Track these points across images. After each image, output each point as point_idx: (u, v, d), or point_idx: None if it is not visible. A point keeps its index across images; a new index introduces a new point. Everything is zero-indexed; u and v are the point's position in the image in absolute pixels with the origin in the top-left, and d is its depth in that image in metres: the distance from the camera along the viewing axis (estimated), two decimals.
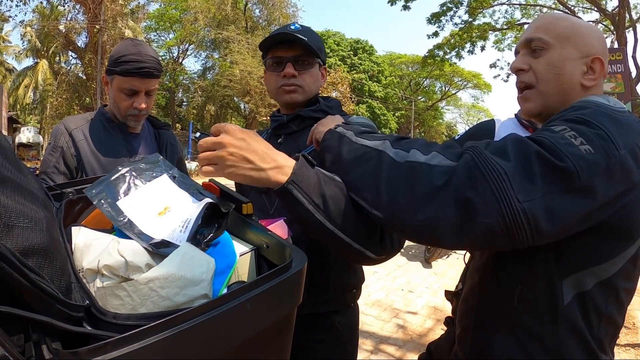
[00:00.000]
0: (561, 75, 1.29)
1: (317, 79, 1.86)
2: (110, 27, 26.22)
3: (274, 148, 1.26)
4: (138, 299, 0.82)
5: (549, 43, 1.30)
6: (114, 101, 2.24)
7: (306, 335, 1.75)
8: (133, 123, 2.31)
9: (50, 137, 2.26)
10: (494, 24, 22.87)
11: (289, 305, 1.01)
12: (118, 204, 1.09)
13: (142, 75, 2.16)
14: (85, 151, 2.20)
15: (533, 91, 1.33)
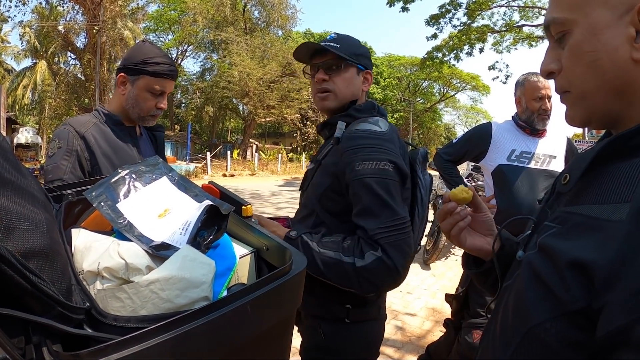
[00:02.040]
0: (597, 60, 0.85)
1: (351, 83, 1.85)
2: (109, 28, 26.20)
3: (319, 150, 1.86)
4: (139, 301, 0.82)
5: (567, 20, 0.89)
6: (136, 101, 2.22)
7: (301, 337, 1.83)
8: (150, 123, 2.34)
9: (58, 141, 2.12)
10: (492, 26, 22.93)
11: (289, 307, 1.02)
12: (118, 206, 1.09)
13: (171, 77, 2.25)
14: (99, 155, 2.15)
15: (569, 96, 0.94)
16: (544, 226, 0.93)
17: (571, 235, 0.81)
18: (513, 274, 1.01)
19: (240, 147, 39.90)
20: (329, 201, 1.74)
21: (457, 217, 1.20)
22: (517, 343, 0.82)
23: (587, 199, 0.84)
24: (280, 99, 35.51)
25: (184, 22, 38.05)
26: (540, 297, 0.81)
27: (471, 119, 66.31)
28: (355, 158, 1.60)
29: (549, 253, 0.83)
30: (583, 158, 0.87)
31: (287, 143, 50.74)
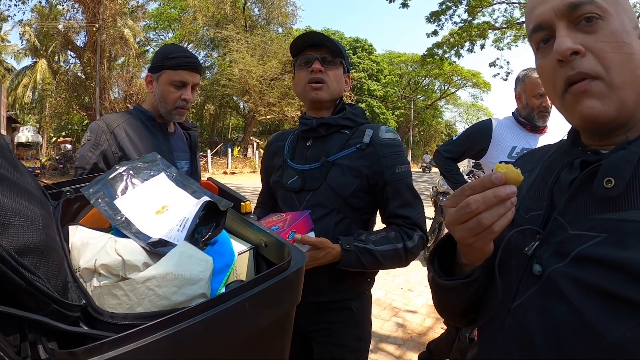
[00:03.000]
0: (634, 56, 0.88)
1: (341, 81, 2.03)
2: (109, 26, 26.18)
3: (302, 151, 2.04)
4: (135, 298, 0.81)
5: (606, 9, 0.88)
6: (162, 96, 2.40)
7: (323, 318, 2.00)
8: (177, 117, 2.48)
9: (89, 133, 2.30)
10: (493, 23, 22.92)
11: (288, 304, 1.01)
12: (115, 203, 1.08)
13: (190, 69, 2.41)
14: (129, 149, 2.29)
15: (599, 83, 0.87)
16: (575, 236, 0.89)
17: (631, 243, 0.79)
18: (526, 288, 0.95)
19: (241, 145, 39.96)
20: (354, 199, 1.93)
21: (509, 205, 0.90)
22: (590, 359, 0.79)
23: (631, 203, 0.83)
24: (280, 97, 35.49)
25: (184, 20, 38.03)
26: (611, 310, 0.79)
27: (472, 116, 66.34)
28: (396, 162, 1.92)
29: (610, 264, 0.80)
30: (624, 160, 0.84)
31: None
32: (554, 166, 1.06)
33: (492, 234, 0.91)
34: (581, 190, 0.92)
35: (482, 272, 1.05)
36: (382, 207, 1.98)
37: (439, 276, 1.11)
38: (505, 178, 0.88)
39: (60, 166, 26.71)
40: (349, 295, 2.00)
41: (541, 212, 0.99)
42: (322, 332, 2.00)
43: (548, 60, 0.94)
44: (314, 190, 1.94)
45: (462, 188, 0.92)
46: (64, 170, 26.33)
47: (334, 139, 1.99)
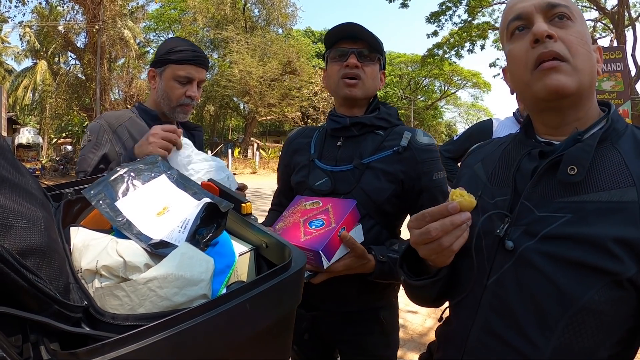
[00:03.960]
0: (591, 55, 1.08)
1: (376, 78, 1.93)
2: (109, 28, 26.19)
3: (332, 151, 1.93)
4: (137, 299, 0.82)
5: (574, 15, 1.09)
6: (165, 92, 2.23)
7: (353, 330, 1.91)
8: (182, 116, 2.31)
9: (89, 134, 2.16)
10: (493, 23, 22.92)
11: (289, 305, 1.01)
12: (117, 205, 1.08)
13: (197, 64, 2.23)
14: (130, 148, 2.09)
15: (566, 65, 1.04)
16: (542, 217, 1.04)
17: (592, 220, 0.97)
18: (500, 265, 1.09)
19: (241, 146, 39.97)
20: (387, 204, 1.83)
21: (465, 227, 1.07)
22: (565, 324, 0.97)
23: (590, 187, 1.01)
24: (281, 97, 35.53)
25: (184, 21, 38.07)
26: (580, 277, 0.96)
27: (472, 116, 66.30)
28: (433, 169, 1.85)
29: (577, 239, 0.97)
30: (583, 151, 1.02)
31: None
32: (512, 156, 1.22)
33: (451, 252, 1.07)
34: (544, 178, 1.08)
35: (448, 270, 1.19)
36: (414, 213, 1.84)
37: (409, 277, 1.25)
38: (460, 206, 1.04)
39: (60, 167, 26.74)
40: (378, 304, 1.93)
41: (507, 198, 1.14)
42: (349, 344, 1.93)
43: (522, 43, 1.11)
44: (345, 194, 1.82)
45: (422, 213, 1.07)
46: (65, 171, 26.36)
47: (368, 140, 1.89)
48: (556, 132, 1.13)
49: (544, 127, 1.17)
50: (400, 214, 1.92)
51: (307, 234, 1.63)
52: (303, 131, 2.18)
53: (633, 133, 1.07)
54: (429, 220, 1.05)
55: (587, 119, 1.10)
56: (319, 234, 1.60)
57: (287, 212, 1.80)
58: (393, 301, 2.01)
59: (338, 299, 1.81)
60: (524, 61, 1.09)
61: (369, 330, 1.92)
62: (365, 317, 1.91)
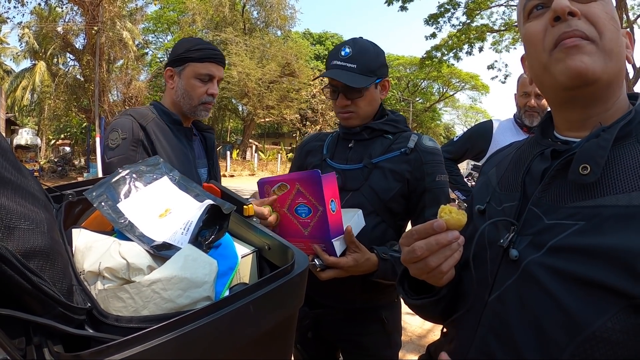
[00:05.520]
0: (620, 34, 0.93)
1: (372, 100, 1.98)
2: (108, 29, 26.12)
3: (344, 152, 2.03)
4: (140, 301, 0.81)
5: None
6: (186, 90, 2.22)
7: (353, 329, 1.99)
8: (204, 113, 2.29)
9: (121, 131, 2.04)
10: (491, 26, 22.91)
11: (292, 307, 1.01)
12: (119, 206, 1.08)
13: (217, 61, 2.25)
14: (160, 153, 2.07)
15: (592, 44, 0.88)
16: (551, 225, 0.90)
17: (608, 229, 0.81)
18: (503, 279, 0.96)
19: (240, 148, 39.97)
20: (394, 203, 1.92)
21: (455, 247, 0.98)
22: (570, 354, 0.80)
23: (606, 189, 0.85)
24: (279, 99, 35.56)
25: (183, 22, 38.01)
26: (591, 299, 0.80)
27: (470, 118, 66.31)
28: (437, 170, 1.92)
29: (589, 252, 0.82)
30: (598, 146, 0.86)
31: (287, 143, 50.76)
32: (524, 157, 1.08)
33: (441, 273, 0.98)
34: (555, 180, 0.94)
35: (448, 290, 1.09)
36: (417, 214, 1.96)
37: (408, 296, 1.17)
38: (447, 225, 0.95)
39: (59, 168, 26.69)
40: (380, 303, 2.00)
41: (515, 204, 1.01)
42: (351, 343, 2.00)
43: (541, 22, 0.96)
44: (354, 191, 1.93)
45: (410, 231, 1.00)
46: (63, 172, 26.32)
47: (377, 143, 1.99)
48: (579, 128, 0.98)
49: (565, 123, 1.02)
50: (405, 215, 1.99)
51: (305, 225, 1.66)
52: (317, 135, 2.28)
53: None
54: (416, 238, 0.98)
55: (615, 112, 0.95)
56: (315, 223, 1.62)
57: None
58: (395, 301, 2.08)
59: (341, 296, 1.85)
60: (542, 41, 0.95)
61: (370, 329, 1.99)
62: (367, 316, 1.98)
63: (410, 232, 1.00)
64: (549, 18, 0.92)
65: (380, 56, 1.97)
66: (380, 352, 2.00)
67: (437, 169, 1.93)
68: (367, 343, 1.99)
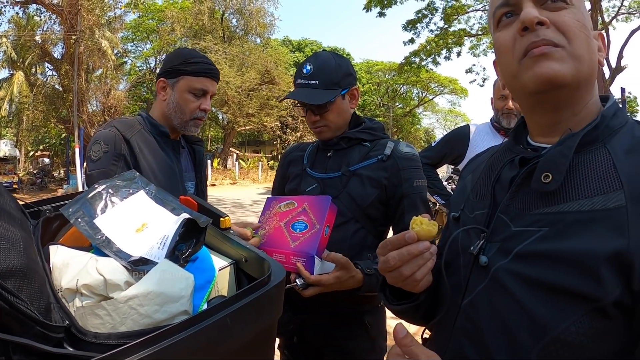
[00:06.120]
0: (591, 40, 0.94)
1: (341, 111, 2.03)
2: (86, 38, 25.89)
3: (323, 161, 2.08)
4: (118, 317, 0.82)
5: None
6: (178, 104, 2.15)
7: (338, 334, 2.01)
8: (194, 129, 2.24)
9: (104, 144, 1.97)
10: (469, 30, 23.16)
11: (270, 317, 1.03)
12: (95, 222, 1.08)
13: (212, 76, 2.21)
14: (143, 165, 2.03)
15: (560, 50, 0.90)
16: (518, 232, 0.93)
17: (571, 234, 0.84)
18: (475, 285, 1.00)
19: (221, 156, 39.76)
20: (372, 209, 1.96)
21: (428, 256, 1.02)
22: (536, 356, 0.83)
23: (569, 195, 0.88)
24: (259, 107, 35.41)
25: (162, 31, 37.68)
26: (554, 304, 0.83)
27: (450, 122, 66.77)
28: (414, 176, 1.96)
29: (552, 257, 0.84)
30: (560, 154, 0.88)
31: (268, 151, 50.66)
32: (495, 165, 1.11)
33: (415, 281, 1.03)
34: (522, 188, 0.97)
35: (426, 296, 1.13)
36: (396, 220, 1.99)
37: (389, 302, 1.22)
38: (418, 236, 1.00)
39: (38, 181, 26.37)
40: (364, 308, 2.01)
41: (485, 211, 1.04)
42: (335, 348, 2.02)
43: (509, 31, 0.97)
44: (333, 198, 1.91)
45: (385, 242, 1.04)
46: (42, 185, 26.00)
47: (355, 151, 2.04)
48: (550, 133, 1.00)
49: (536, 127, 1.04)
50: (385, 221, 2.02)
51: (295, 238, 1.71)
52: (299, 146, 2.33)
53: (632, 128, 0.94)
54: (390, 249, 1.03)
55: (585, 117, 0.97)
56: (307, 238, 1.68)
57: (264, 216, 1.87)
58: (379, 307, 2.09)
59: (325, 302, 1.85)
60: (512, 51, 0.97)
61: (354, 334, 2.00)
62: (350, 321, 2.00)
63: (385, 243, 1.04)
64: (517, 28, 0.94)
65: (342, 67, 1.99)
66: (365, 356, 2.00)
67: (414, 174, 1.97)
68: (352, 348, 2.00)
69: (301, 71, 1.98)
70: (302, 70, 1.98)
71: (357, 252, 1.91)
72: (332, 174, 2.02)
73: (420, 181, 1.97)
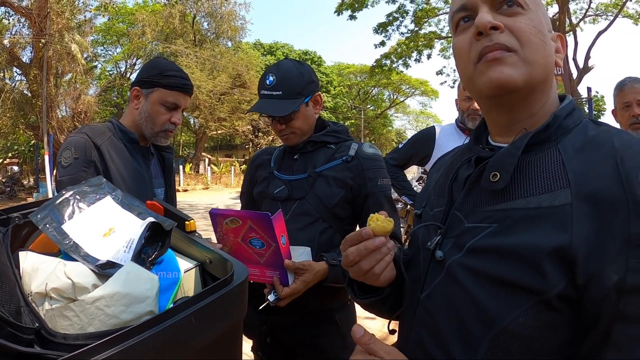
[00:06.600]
0: (546, 45, 0.97)
1: (306, 118, 2.08)
2: (56, 42, 25.43)
3: (290, 164, 2.13)
4: (86, 318, 0.85)
5: (527, 3, 0.96)
6: (150, 115, 2.18)
7: (309, 332, 2.06)
8: (163, 140, 2.27)
9: (74, 150, 1.99)
10: (439, 33, 23.34)
11: (234, 316, 1.06)
12: (63, 228, 1.11)
13: (186, 91, 2.23)
14: (113, 172, 2.05)
15: (513, 55, 0.93)
16: (470, 228, 0.97)
17: (518, 229, 0.87)
18: (432, 279, 1.04)
19: (193, 161, 39.44)
20: (339, 209, 2.03)
21: (385, 251, 1.06)
22: (487, 347, 0.87)
23: (518, 193, 0.91)
24: (231, 111, 35.19)
25: (133, 34, 37.19)
26: (502, 296, 0.87)
27: (421, 123, 67.07)
28: (378, 175, 2.05)
29: (500, 252, 0.88)
30: (509, 154, 0.93)
31: (240, 155, 50.32)
32: (454, 164, 1.15)
33: (374, 275, 1.06)
34: (475, 186, 1.01)
35: (391, 290, 1.17)
36: (362, 218, 2.07)
37: (357, 296, 1.24)
38: (373, 232, 1.03)
39: (7, 189, 25.85)
40: (333, 305, 2.08)
41: (442, 208, 1.09)
42: (307, 347, 2.06)
43: (466, 35, 1.00)
44: (300, 199, 2.03)
45: (345, 238, 1.08)
46: (12, 193, 25.49)
47: (320, 153, 2.11)
48: (507, 133, 1.03)
49: (494, 128, 1.08)
50: (352, 219, 2.11)
51: (260, 254, 1.75)
52: (266, 150, 2.37)
53: (585, 127, 0.96)
54: (349, 244, 1.07)
55: (541, 117, 0.99)
56: (269, 255, 1.73)
57: (218, 234, 1.84)
58: (348, 303, 2.16)
59: (296, 302, 1.88)
60: (467, 55, 0.99)
61: (325, 331, 2.06)
62: (321, 319, 2.06)
63: (345, 239, 1.08)
64: (473, 32, 0.97)
65: (304, 75, 2.04)
66: (337, 354, 2.04)
67: (378, 173, 2.06)
68: (324, 346, 2.05)
69: (264, 82, 2.02)
70: (265, 82, 2.02)
71: (325, 250, 1.97)
72: (298, 175, 2.08)
73: (384, 180, 2.06)
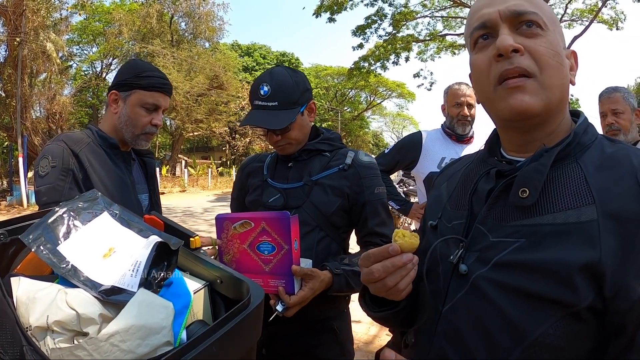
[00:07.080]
0: (563, 67, 0.99)
1: (302, 127, 2.04)
2: (31, 40, 25.01)
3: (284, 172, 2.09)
4: (99, 356, 0.77)
5: (545, 24, 0.98)
6: (129, 118, 2.11)
7: (307, 342, 2.04)
8: (144, 143, 2.21)
9: (51, 159, 1.93)
10: (417, 36, 23.56)
11: (251, 339, 1.04)
12: (59, 249, 1.01)
13: (165, 91, 2.17)
14: (93, 179, 1.98)
15: (532, 82, 0.95)
16: (495, 242, 0.98)
17: (547, 245, 0.90)
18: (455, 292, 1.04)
19: (169, 164, 39.19)
20: (336, 217, 2.01)
21: (410, 267, 1.03)
22: (517, 358, 0.90)
23: (544, 209, 0.93)
24: (208, 113, 35.13)
25: (109, 34, 36.77)
26: (532, 309, 0.89)
27: (398, 125, 67.97)
28: (375, 183, 2.04)
29: (530, 267, 0.90)
30: (536, 171, 0.94)
31: (217, 157, 50.31)
32: (471, 176, 1.16)
33: (398, 291, 1.04)
34: (499, 200, 1.02)
35: (407, 302, 1.17)
36: (360, 226, 2.08)
37: (370, 310, 1.24)
38: (401, 248, 1.02)
39: None
40: (331, 313, 2.06)
41: (463, 221, 1.09)
42: (306, 357, 2.04)
43: (485, 55, 1.01)
44: (296, 208, 1.98)
45: (367, 254, 1.06)
46: None
47: (315, 161, 2.08)
48: (523, 150, 1.06)
49: (509, 144, 1.10)
50: (347, 227, 2.10)
51: (267, 261, 1.70)
52: (257, 157, 2.33)
53: (601, 144, 0.99)
54: (373, 261, 1.05)
55: (558, 133, 1.02)
56: (279, 260, 1.68)
57: (221, 240, 1.80)
58: (344, 311, 2.17)
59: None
60: (487, 76, 1.01)
61: (323, 340, 2.05)
62: (319, 328, 2.04)
63: (367, 255, 1.06)
64: (493, 54, 0.98)
65: (299, 84, 1.99)
66: (334, 358, 2.05)
67: (374, 181, 2.05)
68: (322, 354, 2.04)
69: (258, 92, 1.95)
70: (258, 92, 1.94)
71: (323, 259, 1.94)
72: (294, 184, 2.05)
73: (380, 188, 2.06)
